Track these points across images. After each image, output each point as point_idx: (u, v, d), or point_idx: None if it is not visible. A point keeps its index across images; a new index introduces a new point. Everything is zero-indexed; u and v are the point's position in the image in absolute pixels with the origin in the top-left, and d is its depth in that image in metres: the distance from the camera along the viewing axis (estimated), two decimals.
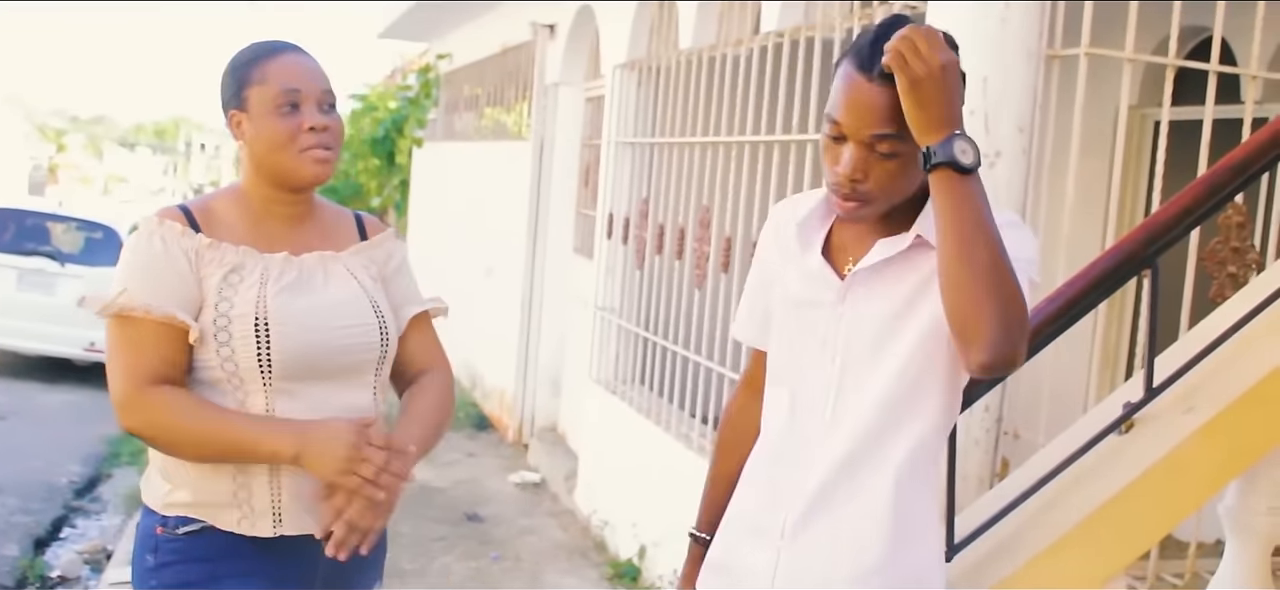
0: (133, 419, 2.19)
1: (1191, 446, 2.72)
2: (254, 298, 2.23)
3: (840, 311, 2.03)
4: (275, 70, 2.28)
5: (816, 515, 2.03)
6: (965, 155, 1.82)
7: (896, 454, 2.00)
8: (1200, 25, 5.02)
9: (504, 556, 6.29)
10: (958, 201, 1.83)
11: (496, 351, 9.65)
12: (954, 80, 1.84)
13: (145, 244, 2.24)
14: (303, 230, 2.37)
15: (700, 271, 5.89)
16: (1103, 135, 5.50)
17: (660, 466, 5.96)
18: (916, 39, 1.82)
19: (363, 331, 2.33)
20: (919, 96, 1.82)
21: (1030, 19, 3.58)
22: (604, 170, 7.37)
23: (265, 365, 2.22)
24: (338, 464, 2.16)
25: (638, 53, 7.11)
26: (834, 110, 1.94)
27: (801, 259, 2.10)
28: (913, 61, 1.81)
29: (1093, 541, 2.69)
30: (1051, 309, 2.74)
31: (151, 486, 2.32)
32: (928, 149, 1.84)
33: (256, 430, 2.19)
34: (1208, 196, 2.81)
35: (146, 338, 2.19)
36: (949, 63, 1.83)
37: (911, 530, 2.02)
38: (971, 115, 3.54)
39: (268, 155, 2.28)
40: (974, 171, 1.83)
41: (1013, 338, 1.81)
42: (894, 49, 1.82)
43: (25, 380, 11.47)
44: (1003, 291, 1.80)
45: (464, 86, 12.20)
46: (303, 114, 2.28)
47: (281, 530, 2.25)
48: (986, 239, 1.82)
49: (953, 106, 1.84)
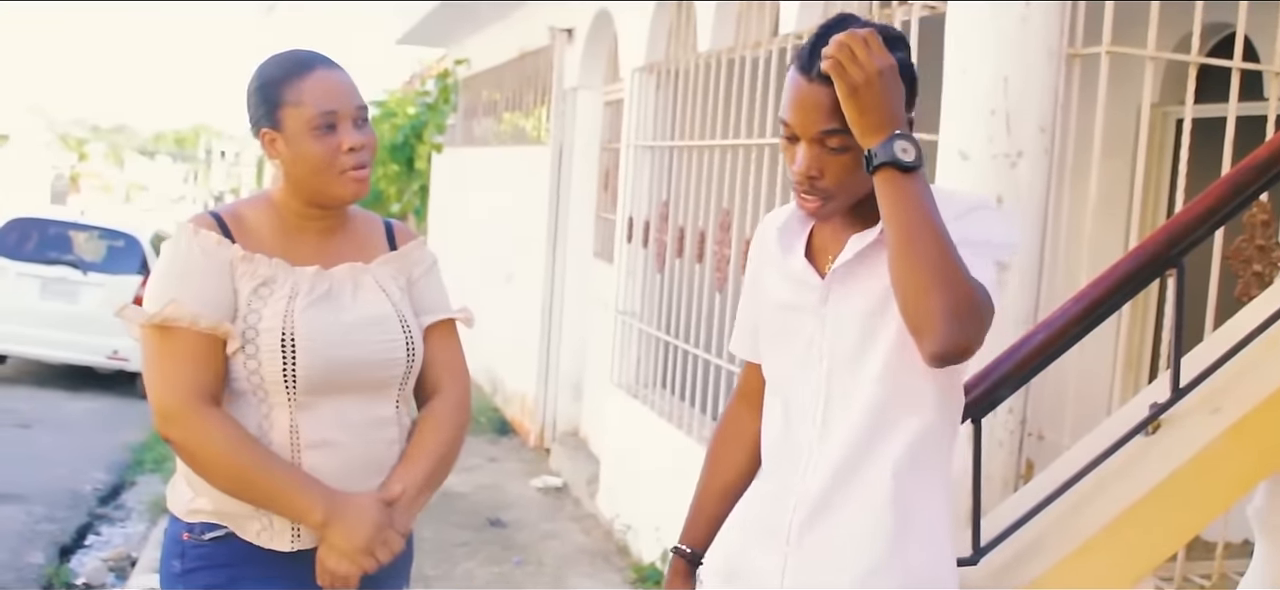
0: (178, 431, 2.20)
1: (1219, 447, 2.69)
2: (282, 311, 2.24)
3: (823, 313, 2.05)
4: (310, 89, 2.27)
5: (820, 518, 2.04)
6: (906, 154, 1.86)
7: (893, 451, 2.01)
8: (1222, 22, 4.99)
9: (526, 561, 6.29)
10: (900, 199, 1.86)
11: (517, 356, 9.65)
12: (892, 83, 1.87)
13: (185, 252, 2.24)
14: (334, 242, 2.38)
15: (721, 274, 5.88)
16: (1124, 134, 5.46)
17: (682, 470, 5.92)
18: (854, 45, 1.85)
19: (388, 347, 2.34)
20: (858, 103, 1.86)
21: (1051, 18, 3.56)
22: (623, 174, 7.37)
23: (290, 379, 2.23)
24: (363, 543, 2.21)
25: (656, 56, 7.10)
26: (783, 112, 2.00)
27: (784, 263, 2.13)
28: (850, 68, 1.85)
29: (1120, 543, 2.67)
30: (1076, 310, 2.72)
31: (177, 493, 2.34)
32: (869, 152, 1.87)
33: (289, 486, 2.21)
34: (1232, 196, 2.78)
35: (190, 348, 2.19)
36: (886, 68, 1.86)
37: (917, 528, 2.02)
38: (993, 115, 3.53)
39: (308, 177, 2.29)
40: (917, 169, 1.86)
41: (964, 327, 1.83)
42: (831, 56, 1.86)
43: (49, 388, 11.54)
44: (949, 282, 1.82)
45: (482, 91, 12.22)
46: (340, 134, 2.27)
47: (299, 545, 2.27)
48: (930, 233, 1.84)
49: (891, 108, 1.87)
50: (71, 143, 71.99)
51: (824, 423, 2.05)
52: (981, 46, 3.60)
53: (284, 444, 2.25)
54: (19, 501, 7.34)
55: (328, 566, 2.23)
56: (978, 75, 3.56)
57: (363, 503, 2.24)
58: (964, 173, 3.55)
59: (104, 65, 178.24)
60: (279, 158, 2.30)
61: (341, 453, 2.28)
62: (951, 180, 3.56)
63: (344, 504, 2.22)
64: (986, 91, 3.55)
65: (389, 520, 2.25)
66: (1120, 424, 2.89)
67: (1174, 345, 2.81)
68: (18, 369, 12.15)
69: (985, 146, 3.58)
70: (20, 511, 7.17)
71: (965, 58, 3.60)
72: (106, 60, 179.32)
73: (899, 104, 1.88)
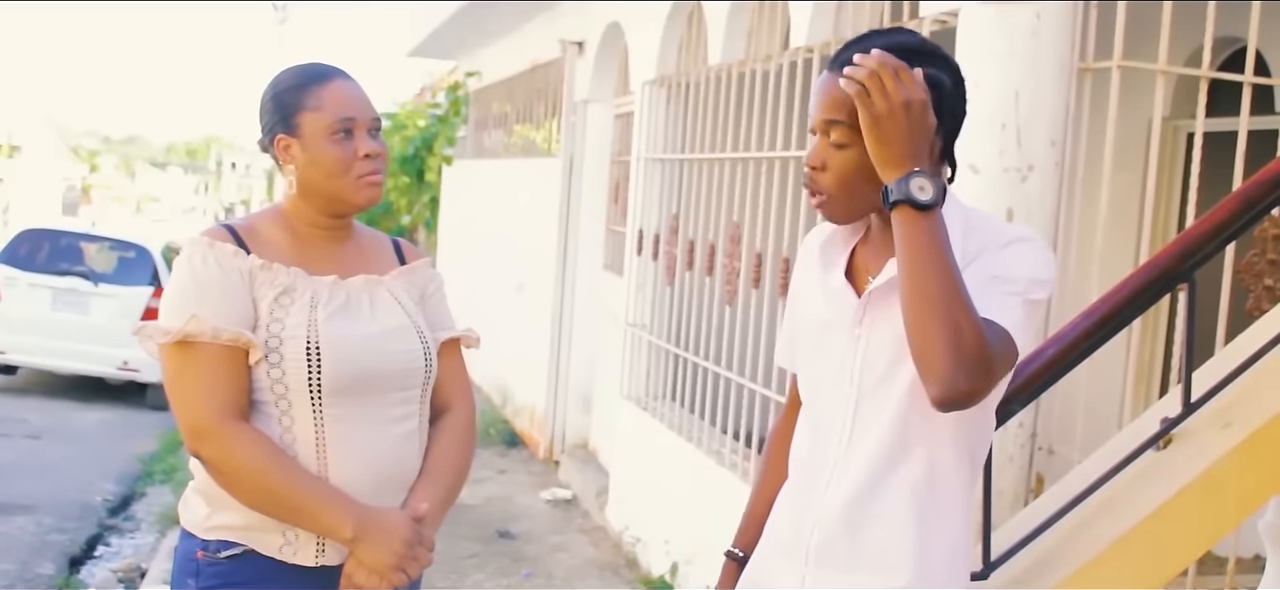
0: (210, 448, 2.19)
1: (1231, 462, 2.69)
2: (305, 320, 2.24)
3: (857, 334, 2.04)
4: (329, 97, 2.30)
5: (838, 540, 2.03)
6: (923, 192, 1.83)
7: (913, 474, 1.99)
8: (1233, 36, 4.99)
9: (536, 574, 6.29)
10: (911, 239, 1.84)
11: (527, 368, 9.66)
12: (918, 118, 1.84)
13: (201, 266, 2.23)
14: (345, 253, 2.39)
15: (731, 287, 5.88)
16: (1135, 148, 5.46)
17: (692, 483, 5.95)
18: (884, 75, 1.82)
19: (409, 357, 2.35)
20: (880, 133, 1.84)
21: (1062, 32, 3.56)
22: (634, 187, 7.37)
23: (315, 388, 2.23)
24: (394, 559, 2.20)
25: (667, 69, 7.11)
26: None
27: (824, 279, 2.12)
28: (876, 97, 1.82)
29: (1132, 558, 2.66)
30: (1087, 324, 2.71)
31: (191, 509, 2.32)
32: (886, 187, 1.86)
33: (319, 501, 2.20)
34: (1243, 210, 2.78)
35: (213, 362, 2.19)
36: (913, 102, 1.83)
37: (935, 551, 2.00)
38: (1003, 129, 3.53)
39: (323, 182, 2.30)
40: (933, 208, 1.83)
41: (968, 376, 1.80)
42: (858, 79, 1.83)
43: (59, 399, 11.57)
44: (955, 329, 1.79)
45: (493, 104, 12.24)
46: (356, 141, 2.30)
47: (323, 560, 2.26)
48: (941, 276, 1.81)
49: (914, 144, 1.84)
50: (83, 154, 72.32)
51: (849, 442, 2.04)
52: (992, 60, 3.60)
53: (309, 453, 2.25)
54: (29, 512, 7.36)
55: (356, 582, 2.22)
56: (988, 89, 3.56)
57: (393, 519, 2.23)
58: (974, 186, 3.54)
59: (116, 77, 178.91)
60: (294, 164, 2.30)
61: (366, 462, 2.27)
62: (961, 194, 3.55)
63: (375, 520, 2.21)
64: (997, 105, 3.55)
65: (418, 537, 2.25)
66: (1131, 438, 2.88)
67: (1186, 360, 2.81)
68: (28, 380, 12.18)
69: (996, 160, 3.58)
70: (30, 522, 7.18)
71: (976, 71, 3.58)
72: (118, 72, 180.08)
73: (923, 140, 1.85)
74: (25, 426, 10.13)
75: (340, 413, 2.25)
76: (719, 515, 5.67)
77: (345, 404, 2.26)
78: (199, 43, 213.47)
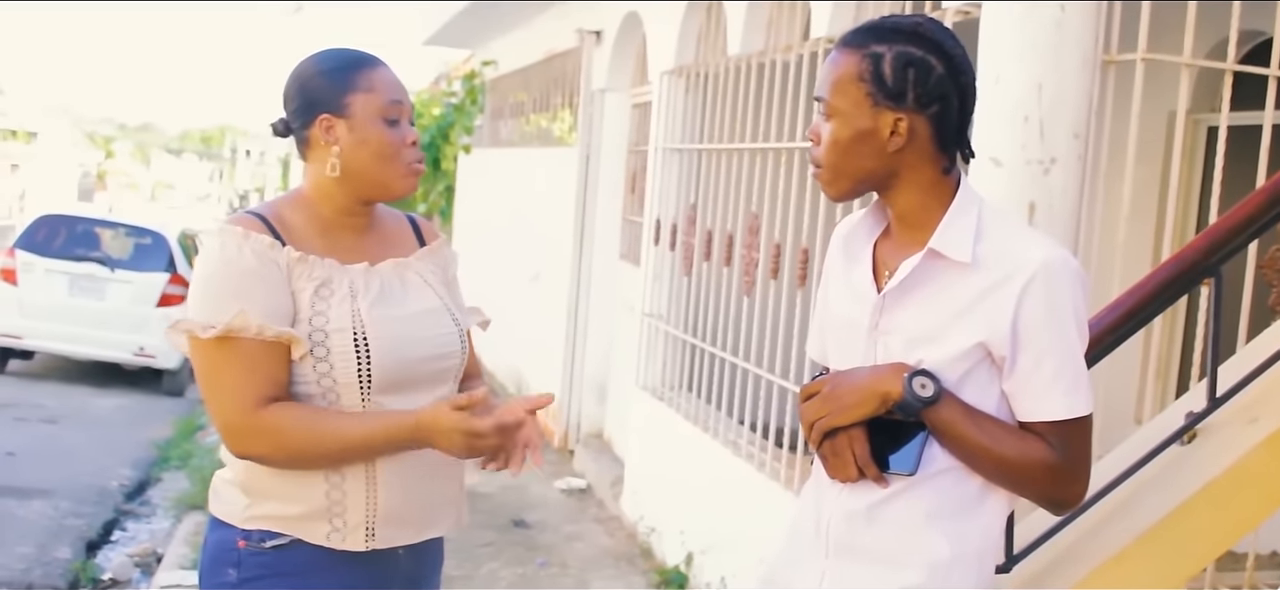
0: (249, 445, 2.15)
1: (1256, 458, 2.68)
2: (349, 311, 2.20)
3: (875, 335, 2.02)
4: (381, 79, 2.28)
5: (856, 536, 2.03)
6: (924, 390, 1.92)
7: (933, 473, 1.98)
8: (1257, 29, 4.96)
9: (550, 563, 6.29)
10: (945, 436, 1.95)
11: (542, 357, 9.66)
12: (848, 395, 1.98)
13: (237, 258, 2.16)
14: (370, 238, 2.36)
15: (748, 278, 5.87)
16: (1157, 141, 5.44)
17: (707, 473, 5.94)
18: (810, 414, 2.02)
19: (447, 340, 2.33)
20: (847, 418, 1.99)
21: (1086, 24, 3.54)
22: (651, 176, 7.36)
23: (365, 379, 2.20)
24: (461, 442, 2.11)
25: (685, 59, 7.10)
26: None
27: (848, 273, 2.11)
28: (817, 427, 2.02)
29: (1155, 553, 2.66)
30: (1113, 318, 2.70)
31: (225, 500, 2.26)
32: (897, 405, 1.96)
33: (374, 427, 2.16)
34: (1270, 205, 2.77)
35: (252, 359, 2.13)
36: (832, 398, 2.00)
37: (953, 551, 1.98)
38: (1026, 121, 3.52)
39: (370, 163, 2.26)
40: (939, 400, 1.92)
41: (1053, 499, 2.02)
42: (805, 421, 2.04)
43: (76, 385, 11.62)
44: (1016, 482, 1.97)
45: (509, 93, 12.24)
46: (402, 128, 2.29)
47: (373, 544, 2.23)
48: (984, 461, 1.95)
49: (861, 394, 1.97)
50: (99, 141, 72.57)
51: None
52: (1015, 52, 3.58)
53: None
54: (46, 497, 7.39)
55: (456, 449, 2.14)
56: (1011, 81, 3.54)
57: (436, 411, 2.13)
58: (996, 179, 3.53)
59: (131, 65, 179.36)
60: (338, 144, 2.24)
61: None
62: (983, 187, 3.54)
63: (424, 416, 2.13)
64: (1020, 98, 3.53)
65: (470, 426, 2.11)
66: (1155, 433, 2.87)
67: (1211, 354, 2.79)
68: (45, 365, 12.24)
69: (1018, 153, 3.56)
70: (47, 507, 7.22)
71: (999, 64, 3.58)
72: (133, 60, 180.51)
73: (867, 389, 1.96)
74: (42, 411, 10.17)
75: (387, 403, 2.21)
76: (734, 506, 5.70)
77: (391, 394, 2.22)
78: (214, 30, 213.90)
